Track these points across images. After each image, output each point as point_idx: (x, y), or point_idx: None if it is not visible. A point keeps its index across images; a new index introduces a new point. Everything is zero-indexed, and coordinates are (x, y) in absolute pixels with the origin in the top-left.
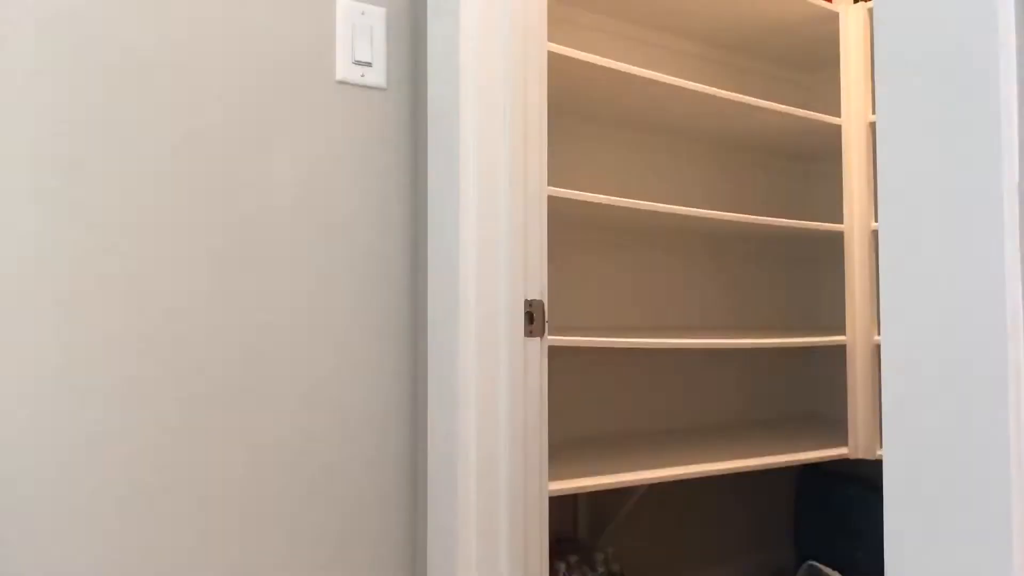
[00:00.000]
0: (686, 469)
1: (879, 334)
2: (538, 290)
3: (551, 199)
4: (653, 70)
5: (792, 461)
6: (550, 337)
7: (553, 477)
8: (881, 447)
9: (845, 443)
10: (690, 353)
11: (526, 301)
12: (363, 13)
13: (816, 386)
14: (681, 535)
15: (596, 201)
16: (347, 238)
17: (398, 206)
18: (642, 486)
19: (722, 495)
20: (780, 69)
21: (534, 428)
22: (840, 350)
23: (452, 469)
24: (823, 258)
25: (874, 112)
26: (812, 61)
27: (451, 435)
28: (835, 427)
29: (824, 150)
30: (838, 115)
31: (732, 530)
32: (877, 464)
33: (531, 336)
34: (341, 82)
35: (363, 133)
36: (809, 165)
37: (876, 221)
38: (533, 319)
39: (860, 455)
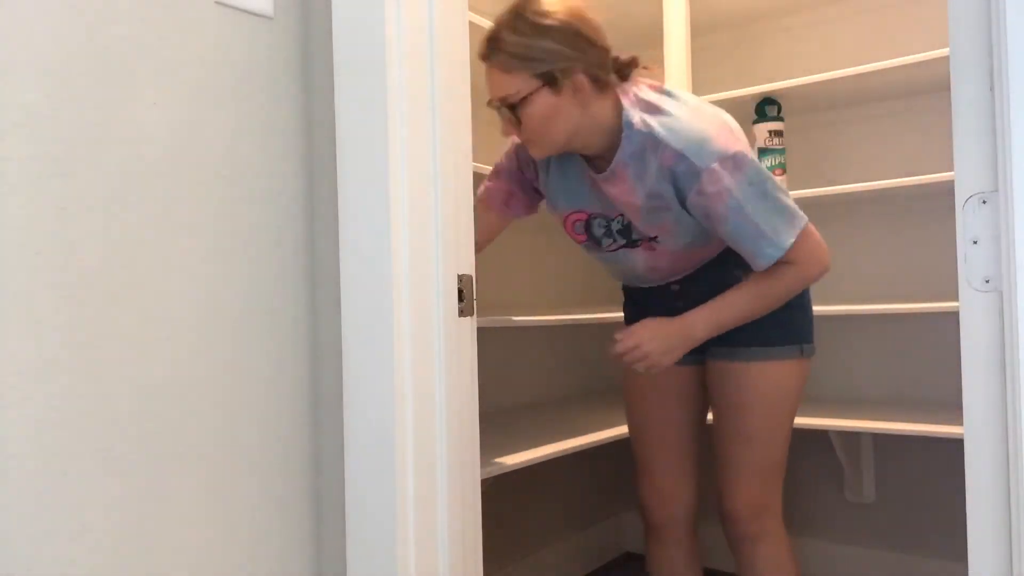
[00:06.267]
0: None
1: None
2: (468, 263)
3: None
4: None
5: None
6: (479, 318)
7: None
8: None
9: None
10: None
11: (457, 276)
12: None
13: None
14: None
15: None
16: (228, 201)
17: (288, 164)
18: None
19: (558, 471)
20: None
21: (468, 413)
22: None
23: (388, 463)
24: None
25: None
26: (633, 43)
27: (384, 427)
28: None
29: None
30: None
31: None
32: None
33: (463, 316)
34: (220, 2)
35: (246, 71)
36: None
37: None
38: (463, 296)
39: None
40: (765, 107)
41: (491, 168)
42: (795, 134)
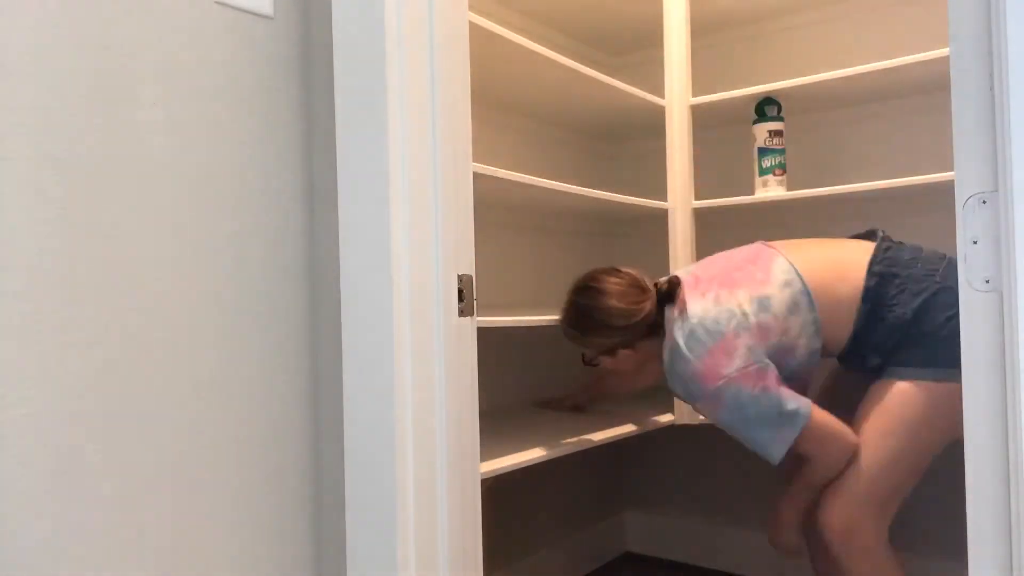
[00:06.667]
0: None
1: None
2: (467, 263)
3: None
4: None
5: (628, 433)
6: (479, 318)
7: None
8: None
9: (671, 411)
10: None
11: (457, 276)
12: None
13: None
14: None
15: (518, 180)
16: (228, 200)
17: (288, 164)
18: None
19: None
20: (599, 51)
21: (468, 413)
22: None
23: (388, 463)
24: (645, 234)
25: (693, 96)
26: (633, 43)
27: (384, 427)
28: (651, 400)
29: (649, 130)
30: (662, 96)
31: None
32: None
33: (463, 316)
34: (220, 2)
35: (246, 71)
36: (631, 145)
37: (695, 199)
38: (463, 296)
39: (685, 421)
40: (765, 107)
41: (491, 167)
42: (795, 134)
